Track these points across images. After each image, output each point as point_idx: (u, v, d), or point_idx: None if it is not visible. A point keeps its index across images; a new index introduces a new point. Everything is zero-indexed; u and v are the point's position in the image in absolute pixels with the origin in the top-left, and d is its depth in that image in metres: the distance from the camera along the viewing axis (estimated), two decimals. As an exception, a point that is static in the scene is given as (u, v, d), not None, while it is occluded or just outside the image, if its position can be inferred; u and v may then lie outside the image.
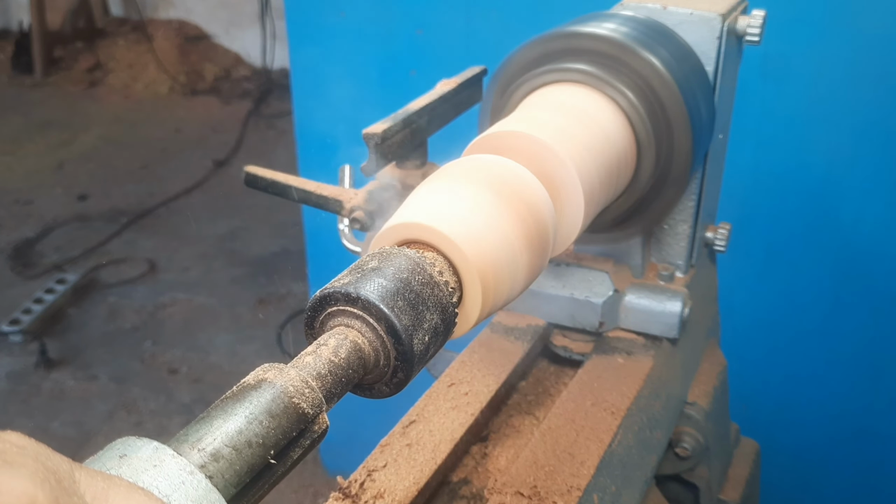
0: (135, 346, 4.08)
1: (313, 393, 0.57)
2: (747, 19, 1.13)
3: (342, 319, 0.64)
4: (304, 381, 0.57)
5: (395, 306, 0.63)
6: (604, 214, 1.07)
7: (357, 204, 1.16)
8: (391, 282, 0.64)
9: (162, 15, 7.59)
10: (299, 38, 2.55)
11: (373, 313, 0.63)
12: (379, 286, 0.63)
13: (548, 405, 1.16)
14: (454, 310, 0.69)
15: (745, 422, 1.59)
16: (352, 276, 0.65)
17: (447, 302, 0.68)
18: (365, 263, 0.67)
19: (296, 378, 0.57)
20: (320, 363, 0.60)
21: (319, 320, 0.65)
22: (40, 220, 5.13)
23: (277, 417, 0.54)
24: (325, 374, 0.59)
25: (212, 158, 5.77)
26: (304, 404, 0.56)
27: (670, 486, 1.33)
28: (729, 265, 1.53)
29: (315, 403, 0.57)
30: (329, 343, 0.62)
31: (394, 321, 0.62)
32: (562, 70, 1.01)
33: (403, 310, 0.63)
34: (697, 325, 1.31)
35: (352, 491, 0.92)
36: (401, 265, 0.66)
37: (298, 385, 0.56)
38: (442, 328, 0.67)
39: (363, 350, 0.63)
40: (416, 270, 0.67)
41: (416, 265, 0.67)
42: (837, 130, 1.96)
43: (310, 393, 0.57)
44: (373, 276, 0.64)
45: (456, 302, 0.70)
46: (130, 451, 0.48)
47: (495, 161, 0.80)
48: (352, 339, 0.62)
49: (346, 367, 0.61)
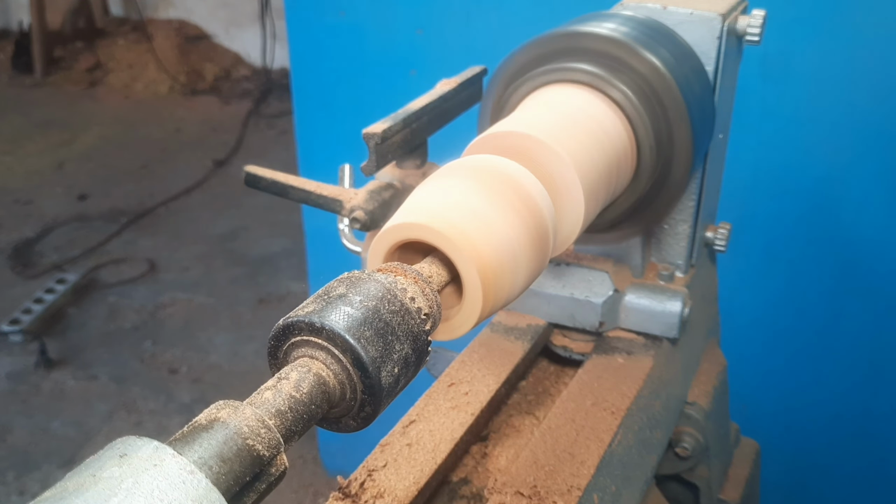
0: (135, 346, 4.08)
1: (270, 433, 0.54)
2: (747, 19, 1.13)
3: (306, 350, 0.61)
4: (261, 420, 0.54)
5: (362, 336, 0.60)
6: (604, 214, 1.07)
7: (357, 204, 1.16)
8: (358, 310, 0.61)
9: (162, 15, 7.60)
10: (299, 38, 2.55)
11: (338, 344, 0.59)
12: (345, 315, 0.60)
13: (548, 405, 1.16)
14: (427, 338, 0.66)
15: (745, 422, 1.59)
16: (317, 304, 0.62)
17: (419, 330, 0.65)
18: (332, 289, 0.64)
19: (251, 417, 0.53)
20: (280, 399, 0.57)
21: (283, 350, 0.62)
22: (40, 220, 5.13)
23: (230, 462, 0.51)
24: (284, 411, 0.56)
25: (212, 158, 5.77)
26: (259, 446, 0.52)
27: (670, 486, 1.33)
28: (729, 265, 1.53)
29: (272, 444, 0.53)
30: (291, 376, 0.58)
31: (360, 353, 0.59)
32: (562, 70, 1.01)
33: (371, 340, 0.60)
34: (697, 325, 1.31)
35: (352, 491, 0.92)
36: (370, 292, 0.63)
37: (254, 425, 0.53)
38: (413, 358, 0.64)
39: (327, 383, 0.60)
40: (386, 297, 0.63)
41: (387, 291, 0.64)
42: (837, 130, 1.96)
43: (266, 433, 0.53)
44: (339, 304, 0.61)
45: (429, 330, 0.66)
46: (131, 450, 0.47)
47: (495, 161, 0.80)
48: (315, 372, 0.59)
49: (308, 403, 0.58)
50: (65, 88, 7.02)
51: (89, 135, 6.25)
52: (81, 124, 6.40)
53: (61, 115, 6.56)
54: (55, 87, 7.03)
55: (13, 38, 7.36)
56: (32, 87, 7.03)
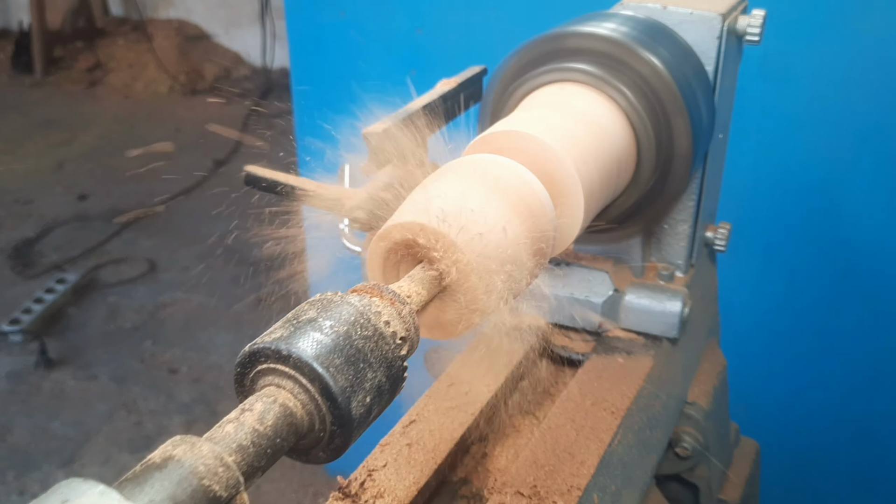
0: (135, 345, 4.08)
1: (229, 472, 0.50)
2: (747, 19, 1.13)
3: (273, 379, 0.57)
4: (219, 457, 0.50)
5: (331, 364, 0.56)
6: (604, 214, 1.07)
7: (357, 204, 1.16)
8: (328, 336, 0.58)
9: (162, 15, 7.60)
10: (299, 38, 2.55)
11: (305, 373, 0.56)
12: (313, 341, 0.57)
13: (548, 405, 1.16)
14: (402, 364, 0.62)
15: (745, 422, 1.59)
16: (284, 329, 0.58)
17: (394, 356, 0.61)
18: (302, 313, 0.60)
19: (209, 455, 0.50)
20: (242, 433, 0.53)
21: (250, 377, 0.59)
22: (40, 220, 5.13)
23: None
24: (246, 446, 0.53)
25: (212, 158, 5.77)
26: (216, 486, 0.49)
27: (670, 486, 1.33)
28: (729, 265, 1.53)
29: (230, 484, 0.50)
30: (255, 408, 0.55)
31: (329, 382, 0.56)
32: (562, 70, 1.01)
33: (341, 368, 0.57)
34: (697, 325, 1.31)
35: (352, 490, 0.92)
36: (341, 316, 0.60)
37: (211, 463, 0.49)
38: (387, 386, 0.61)
39: (294, 414, 0.56)
40: (358, 322, 0.60)
41: (360, 315, 0.60)
42: (837, 130, 1.96)
43: (224, 472, 0.50)
44: (307, 330, 0.58)
45: (405, 355, 0.63)
46: (74, 495, 0.44)
47: (495, 161, 0.80)
48: (282, 403, 0.56)
49: (272, 437, 0.54)
50: (65, 88, 7.02)
51: (89, 135, 6.25)
52: (81, 124, 6.40)
53: (61, 115, 6.56)
54: (55, 87, 7.03)
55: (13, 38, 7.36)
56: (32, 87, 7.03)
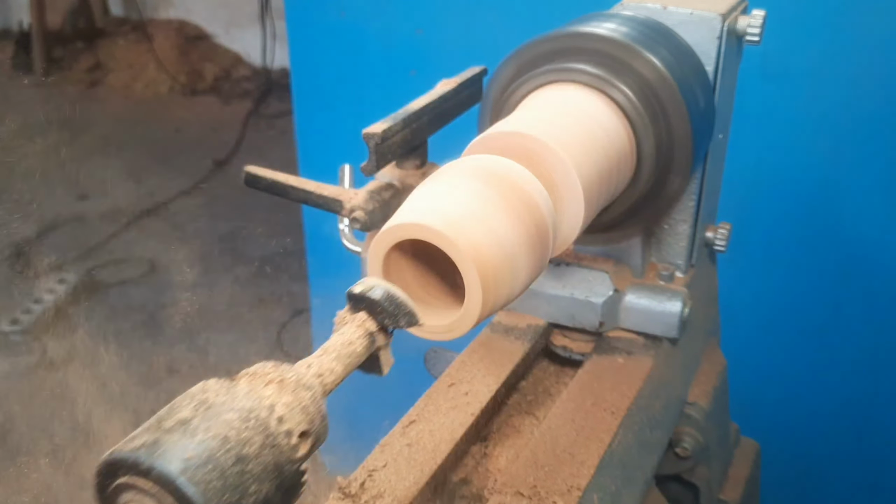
0: (135, 346, 4.08)
1: None
2: (747, 19, 1.13)
3: (133, 496, 0.49)
4: None
5: (201, 480, 0.47)
6: (604, 214, 1.07)
7: (357, 204, 1.16)
8: (202, 443, 0.48)
9: (162, 15, 7.59)
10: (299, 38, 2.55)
11: (170, 491, 0.47)
12: (182, 450, 0.48)
13: (548, 405, 1.16)
14: (298, 468, 0.54)
15: (745, 422, 1.59)
16: (150, 434, 0.49)
17: (285, 460, 0.52)
18: (175, 411, 0.51)
19: None
20: None
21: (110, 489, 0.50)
22: (40, 220, 5.13)
23: None
24: None
25: (212, 158, 5.77)
26: None
27: (670, 486, 1.33)
28: (729, 265, 1.53)
29: None
30: None
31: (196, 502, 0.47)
32: (562, 70, 1.01)
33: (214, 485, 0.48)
34: (697, 325, 1.31)
35: (352, 491, 0.92)
36: (220, 415, 0.50)
37: None
38: (277, 498, 0.52)
39: None
40: (243, 423, 0.50)
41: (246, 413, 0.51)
42: (837, 130, 1.96)
43: None
44: (177, 435, 0.49)
45: (302, 456, 0.54)
46: None
47: (495, 161, 0.80)
48: None
49: None
50: (65, 89, 7.01)
51: (89, 135, 6.25)
52: (81, 124, 6.39)
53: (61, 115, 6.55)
54: (55, 87, 7.02)
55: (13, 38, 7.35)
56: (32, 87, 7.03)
